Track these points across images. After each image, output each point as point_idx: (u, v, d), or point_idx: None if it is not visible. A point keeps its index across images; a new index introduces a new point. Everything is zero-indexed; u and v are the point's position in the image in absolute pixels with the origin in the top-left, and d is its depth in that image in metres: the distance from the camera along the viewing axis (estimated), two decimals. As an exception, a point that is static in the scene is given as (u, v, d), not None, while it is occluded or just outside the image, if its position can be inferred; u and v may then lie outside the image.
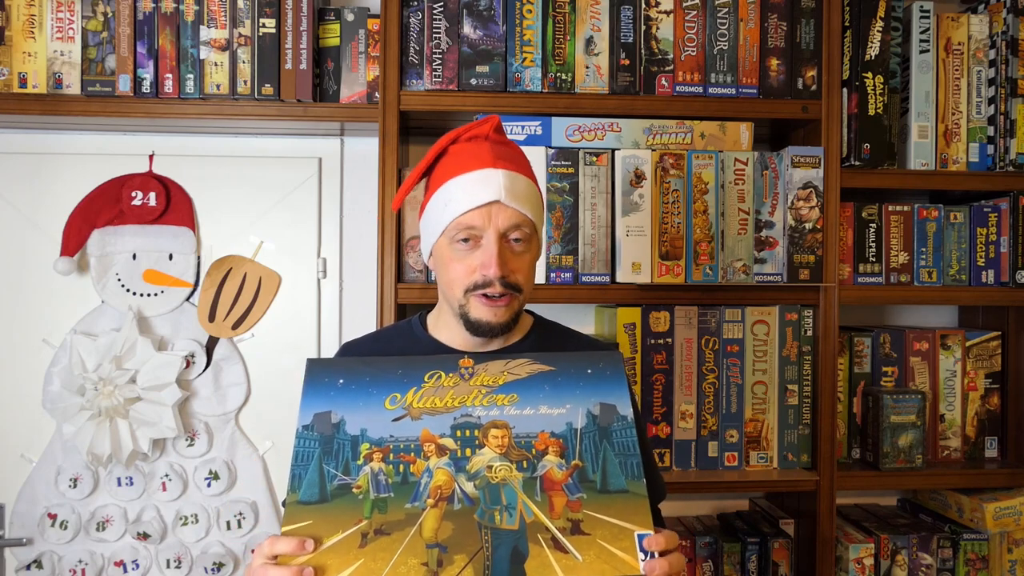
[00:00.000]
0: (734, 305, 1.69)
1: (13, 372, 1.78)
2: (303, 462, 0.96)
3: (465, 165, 1.07)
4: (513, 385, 1.03)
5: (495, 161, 1.06)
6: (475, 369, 1.05)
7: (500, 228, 1.05)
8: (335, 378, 1.03)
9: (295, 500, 0.93)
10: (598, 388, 1.03)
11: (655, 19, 1.66)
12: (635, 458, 0.98)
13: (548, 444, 0.99)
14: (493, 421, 1.00)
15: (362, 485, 0.95)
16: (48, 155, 1.79)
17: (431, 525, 0.92)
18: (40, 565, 1.76)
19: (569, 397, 1.02)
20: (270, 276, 1.83)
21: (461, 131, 1.11)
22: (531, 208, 1.08)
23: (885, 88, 1.69)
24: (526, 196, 1.08)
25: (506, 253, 1.06)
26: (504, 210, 1.05)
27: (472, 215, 1.04)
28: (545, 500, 0.95)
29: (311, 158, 1.85)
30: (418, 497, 0.94)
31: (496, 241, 1.05)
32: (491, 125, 1.11)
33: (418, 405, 1.01)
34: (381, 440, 0.98)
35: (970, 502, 1.79)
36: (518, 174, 1.08)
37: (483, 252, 1.05)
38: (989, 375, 1.83)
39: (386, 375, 1.03)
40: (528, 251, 1.09)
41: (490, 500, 0.94)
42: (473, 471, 0.96)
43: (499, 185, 1.05)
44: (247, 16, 1.63)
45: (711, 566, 1.71)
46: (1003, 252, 1.76)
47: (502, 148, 1.10)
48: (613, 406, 1.02)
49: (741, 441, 1.69)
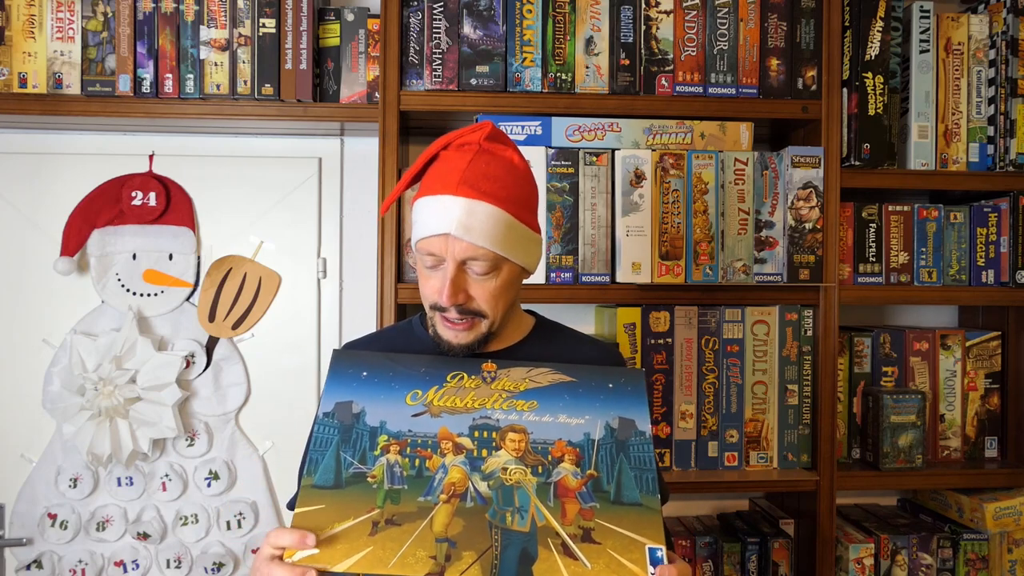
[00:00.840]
0: (734, 305, 1.69)
1: (13, 372, 1.78)
2: (321, 447, 0.98)
3: (433, 185, 1.04)
4: (534, 392, 1.04)
5: (458, 187, 1.02)
6: (497, 374, 1.06)
7: (457, 258, 1.02)
8: (359, 370, 1.05)
9: (310, 483, 0.95)
10: (618, 402, 1.05)
11: (655, 19, 1.66)
12: (651, 473, 0.99)
13: (564, 452, 0.99)
14: (511, 425, 1.01)
15: (377, 475, 0.96)
16: (48, 155, 1.79)
17: (442, 520, 0.93)
18: (40, 565, 1.76)
19: (588, 408, 1.03)
20: (270, 276, 1.83)
21: (453, 137, 1.07)
22: (492, 239, 1.02)
23: (885, 88, 1.69)
24: (486, 228, 1.02)
25: (464, 281, 1.04)
26: (457, 242, 1.01)
27: (431, 241, 1.03)
28: (558, 506, 0.95)
29: (311, 158, 1.85)
30: (431, 492, 0.95)
31: (453, 270, 1.02)
32: (483, 133, 1.06)
33: (439, 403, 1.02)
34: (399, 433, 0.99)
35: (970, 502, 1.79)
36: (480, 202, 1.02)
37: (441, 277, 1.04)
38: (989, 375, 1.83)
39: (409, 371, 1.05)
40: (494, 278, 1.05)
41: (503, 501, 0.95)
42: (488, 471, 0.97)
43: (452, 218, 1.00)
44: (247, 16, 1.63)
45: (711, 566, 1.71)
46: (1003, 252, 1.76)
47: (480, 164, 1.04)
48: (632, 421, 1.03)
49: (741, 441, 1.69)
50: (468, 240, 1.01)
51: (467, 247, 1.02)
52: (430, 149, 1.09)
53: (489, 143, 1.07)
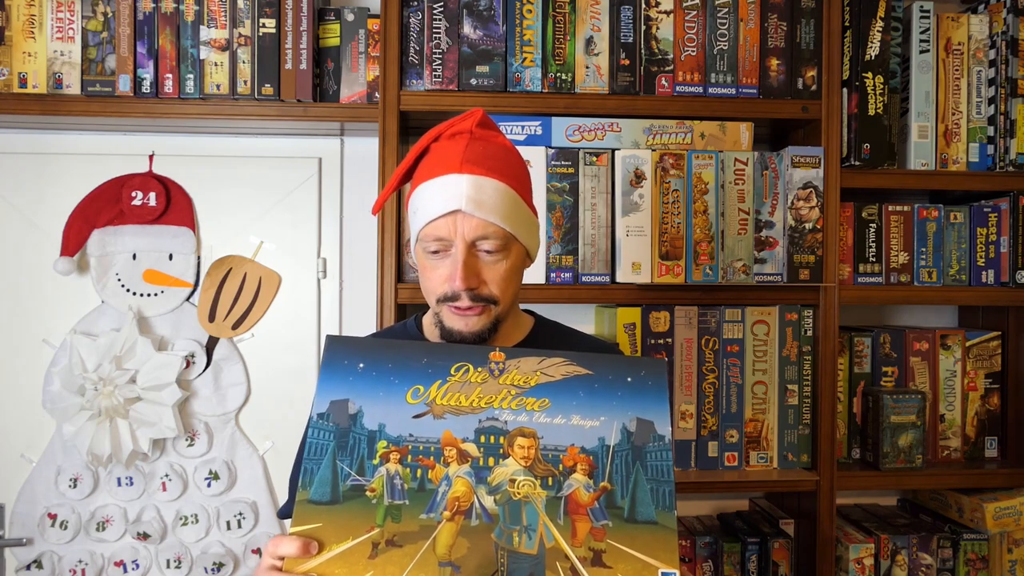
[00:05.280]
0: (734, 305, 1.69)
1: (13, 372, 1.78)
2: (316, 456, 0.91)
3: (433, 169, 1.02)
4: (545, 388, 0.96)
5: (462, 165, 0.99)
6: (506, 365, 0.97)
7: (467, 238, 0.99)
8: (355, 361, 0.96)
9: (305, 498, 0.89)
10: (636, 400, 0.97)
11: (655, 19, 1.66)
12: (668, 486, 0.93)
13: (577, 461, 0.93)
14: (521, 428, 0.94)
15: (376, 488, 0.90)
16: (48, 155, 1.79)
17: (445, 541, 0.88)
18: (40, 565, 1.76)
19: (604, 407, 0.96)
20: (270, 276, 1.83)
21: (444, 127, 1.04)
22: (503, 215, 1.00)
23: (885, 88, 1.69)
24: (495, 203, 1.00)
25: (475, 264, 1.01)
26: (468, 219, 0.98)
27: (437, 224, 1.00)
28: (568, 524, 0.90)
29: (311, 158, 1.85)
30: (434, 508, 0.89)
31: (463, 252, 0.99)
32: (474, 120, 1.04)
33: (442, 402, 0.94)
34: (400, 439, 0.92)
35: (970, 502, 1.79)
36: (487, 178, 1.00)
37: (450, 263, 1.01)
38: (989, 375, 1.83)
39: (410, 363, 0.96)
40: (504, 259, 1.03)
41: (510, 519, 0.90)
42: (495, 484, 0.91)
43: (461, 193, 0.98)
44: (247, 16, 1.63)
45: (711, 566, 1.71)
46: (1003, 252, 1.76)
47: (478, 147, 1.02)
48: (651, 423, 0.96)
49: (741, 441, 1.69)
50: (480, 216, 0.99)
51: (478, 224, 0.99)
52: (420, 143, 1.06)
53: (481, 130, 1.06)
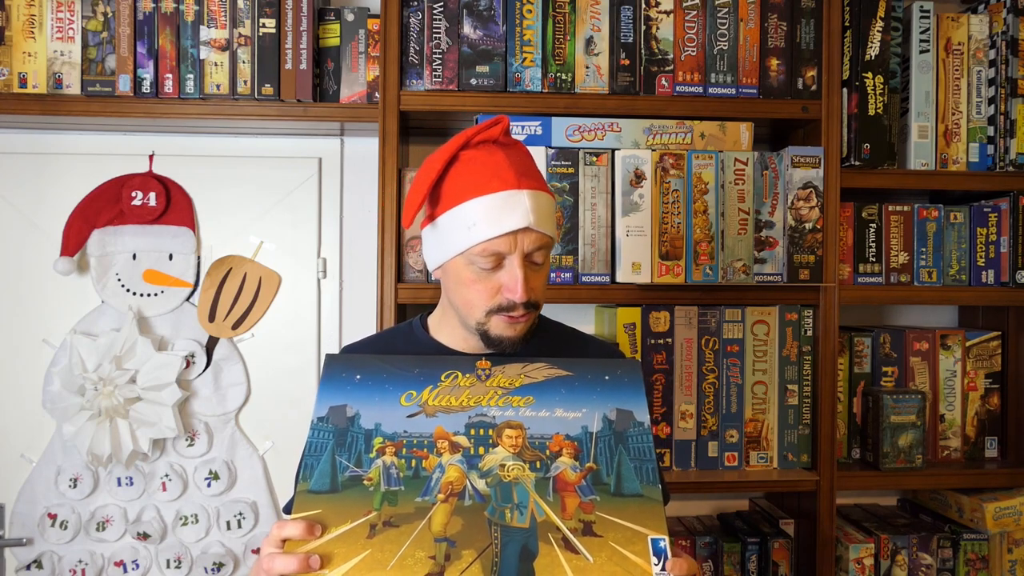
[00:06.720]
0: (734, 305, 1.69)
1: (13, 372, 1.78)
2: (316, 453, 0.97)
3: (487, 184, 1.02)
4: (530, 388, 1.04)
5: (519, 180, 1.02)
6: (492, 371, 1.05)
7: (525, 251, 1.03)
8: (352, 373, 1.04)
9: (305, 489, 0.94)
10: (615, 394, 1.04)
11: (655, 19, 1.66)
12: (651, 463, 0.98)
13: (562, 446, 0.99)
14: (508, 421, 1.00)
15: (373, 478, 0.95)
16: (48, 155, 1.79)
17: (440, 520, 0.92)
18: (40, 565, 1.76)
19: (585, 401, 1.03)
20: (270, 276, 1.83)
21: (470, 134, 1.04)
22: (551, 226, 1.06)
23: (885, 88, 1.69)
24: (549, 214, 1.05)
25: (528, 274, 1.04)
26: (531, 234, 1.02)
27: (498, 241, 1.01)
28: (557, 500, 0.94)
29: (311, 158, 1.85)
30: (429, 492, 0.94)
31: (521, 266, 1.02)
32: (502, 128, 1.05)
33: (433, 403, 1.01)
34: (395, 435, 0.98)
35: (970, 502, 1.79)
36: (540, 192, 1.04)
37: (508, 276, 1.03)
38: (989, 375, 1.83)
39: (403, 373, 1.04)
40: (545, 265, 1.08)
41: (501, 498, 0.94)
42: (485, 469, 0.96)
43: (527, 210, 1.01)
44: (247, 16, 1.63)
45: (711, 566, 1.71)
46: (1003, 252, 1.76)
47: (519, 159, 1.05)
48: (630, 412, 1.02)
49: (741, 441, 1.69)
50: (540, 231, 1.03)
51: (537, 238, 1.03)
52: (447, 150, 1.04)
53: (507, 137, 1.08)
